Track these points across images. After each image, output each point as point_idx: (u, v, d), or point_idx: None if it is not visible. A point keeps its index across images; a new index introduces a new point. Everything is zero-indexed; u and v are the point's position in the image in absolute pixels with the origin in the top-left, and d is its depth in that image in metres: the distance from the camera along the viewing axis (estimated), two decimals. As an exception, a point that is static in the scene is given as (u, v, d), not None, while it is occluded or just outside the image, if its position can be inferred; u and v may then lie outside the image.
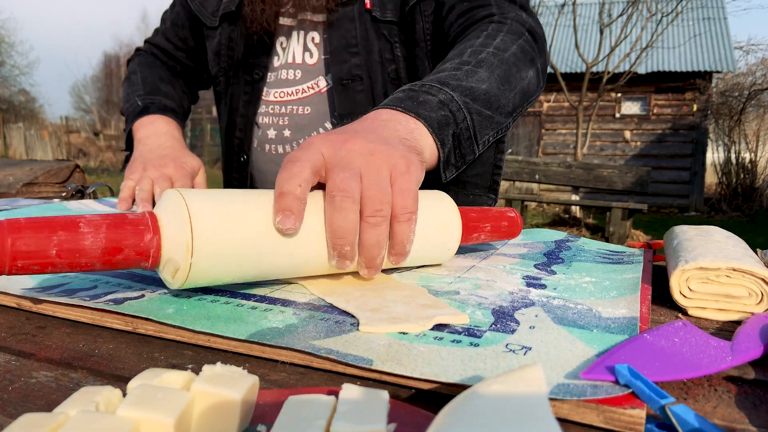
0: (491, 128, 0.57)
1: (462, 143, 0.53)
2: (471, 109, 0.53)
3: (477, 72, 0.57)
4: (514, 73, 0.60)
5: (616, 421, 0.24)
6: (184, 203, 0.35)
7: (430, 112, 0.50)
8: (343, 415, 0.20)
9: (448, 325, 0.33)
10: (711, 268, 0.37)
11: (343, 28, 0.76)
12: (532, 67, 0.65)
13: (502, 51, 0.61)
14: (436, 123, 0.50)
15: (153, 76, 0.94)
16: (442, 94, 0.52)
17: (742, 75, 8.10)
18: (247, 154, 0.84)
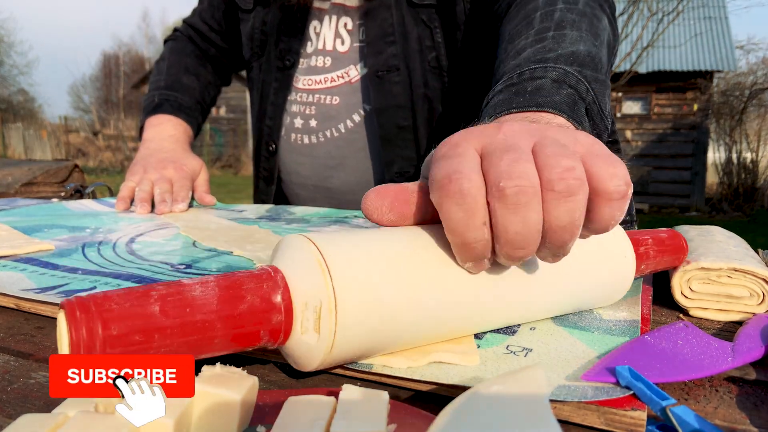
0: (606, 93, 0.47)
1: (594, 120, 0.44)
2: (587, 77, 0.44)
3: (564, 34, 0.48)
4: (597, 23, 0.52)
5: (617, 423, 0.24)
6: (314, 249, 0.26)
7: (551, 97, 0.40)
8: (343, 416, 0.20)
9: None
10: (712, 268, 0.37)
11: (380, 17, 0.72)
12: (604, 13, 0.55)
13: (573, 4, 0.52)
14: (566, 106, 0.40)
15: (179, 65, 0.93)
16: (550, 71, 0.43)
17: (743, 74, 8.10)
18: (276, 143, 0.83)
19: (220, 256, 0.49)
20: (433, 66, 0.73)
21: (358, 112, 0.76)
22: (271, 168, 0.85)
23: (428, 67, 0.73)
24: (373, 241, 0.28)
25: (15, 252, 0.48)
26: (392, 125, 0.73)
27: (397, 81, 0.72)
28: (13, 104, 18.51)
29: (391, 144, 0.74)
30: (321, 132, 0.78)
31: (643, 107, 8.24)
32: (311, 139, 0.79)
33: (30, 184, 0.99)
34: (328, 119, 0.77)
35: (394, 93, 0.73)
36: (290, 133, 0.81)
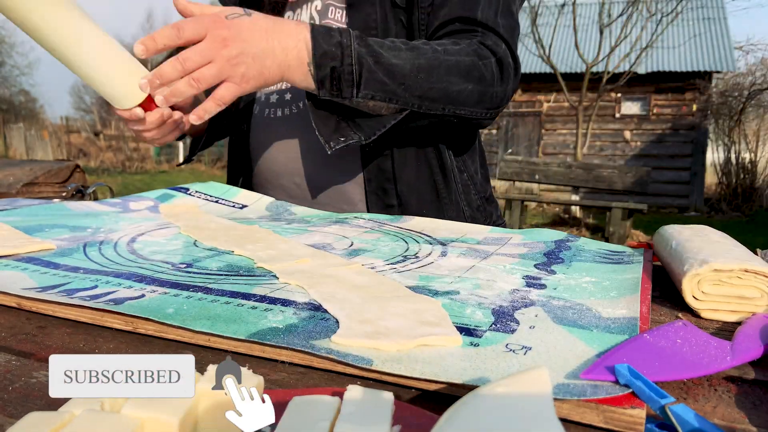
0: (380, 91, 0.64)
1: (342, 81, 0.63)
2: (363, 64, 0.63)
3: (401, 51, 0.65)
4: (443, 73, 0.66)
5: (617, 421, 0.24)
6: None
7: (323, 43, 0.61)
8: (348, 416, 0.20)
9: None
10: (724, 269, 0.37)
11: (364, 11, 0.78)
12: (477, 84, 0.69)
13: (446, 54, 0.67)
14: (321, 51, 0.61)
15: None
16: (347, 40, 0.63)
17: (741, 75, 8.10)
18: (248, 122, 0.86)
19: (220, 256, 0.49)
20: None
21: None
22: (244, 147, 0.88)
23: None
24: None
25: (16, 251, 0.48)
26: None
27: None
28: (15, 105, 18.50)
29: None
30: (294, 104, 0.82)
31: (642, 108, 8.24)
32: (284, 111, 0.82)
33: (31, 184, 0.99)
34: (301, 91, 0.80)
35: None
36: (264, 109, 0.84)
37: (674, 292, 0.43)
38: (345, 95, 0.64)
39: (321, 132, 0.67)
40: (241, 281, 0.41)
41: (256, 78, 0.60)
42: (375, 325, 0.33)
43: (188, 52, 0.57)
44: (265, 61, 0.60)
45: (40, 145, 12.11)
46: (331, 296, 0.38)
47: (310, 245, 0.53)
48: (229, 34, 0.58)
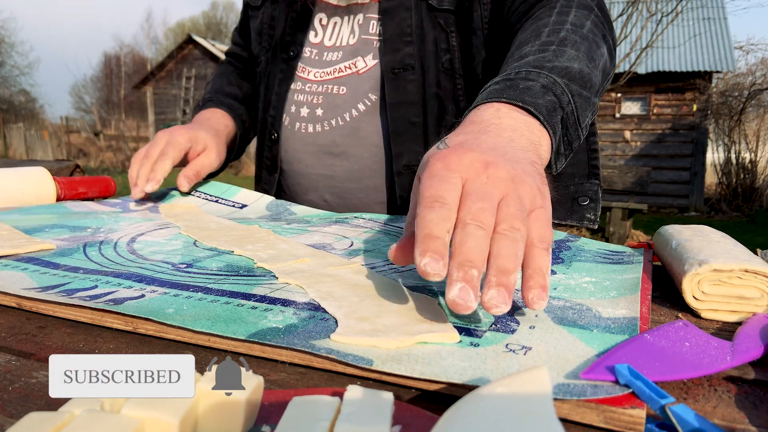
0: (589, 109, 0.54)
1: (569, 129, 0.50)
2: (572, 91, 0.51)
3: (564, 51, 0.55)
4: (595, 49, 0.58)
5: (616, 421, 0.24)
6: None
7: (536, 99, 0.47)
8: (348, 416, 0.20)
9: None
10: (724, 269, 0.37)
11: (399, 17, 0.75)
12: (605, 43, 0.62)
13: (579, 27, 0.59)
14: (545, 110, 0.47)
15: (221, 79, 0.97)
16: (542, 78, 0.50)
17: (742, 75, 8.10)
18: (278, 132, 0.84)
19: (220, 256, 0.49)
20: (447, 68, 0.76)
21: (364, 101, 0.78)
22: (273, 156, 0.86)
23: (441, 68, 0.76)
24: None
25: (16, 251, 0.48)
26: (404, 120, 0.76)
27: (412, 79, 0.75)
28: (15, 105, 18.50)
29: (401, 138, 0.76)
30: (326, 121, 0.80)
31: (642, 108, 8.24)
32: (316, 127, 0.80)
33: (30, 184, 0.98)
34: (334, 108, 0.79)
35: (408, 90, 0.76)
36: (294, 122, 0.82)
37: (674, 292, 0.43)
38: (574, 144, 0.52)
39: (565, 217, 0.56)
40: (241, 281, 0.41)
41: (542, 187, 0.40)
42: (373, 323, 0.33)
43: (476, 209, 0.34)
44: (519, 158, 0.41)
45: (40, 145, 12.11)
46: (328, 295, 0.38)
47: (310, 245, 0.53)
48: (483, 157, 0.38)
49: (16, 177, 0.76)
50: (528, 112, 0.46)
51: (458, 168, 0.36)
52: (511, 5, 0.70)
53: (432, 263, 0.31)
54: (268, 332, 0.32)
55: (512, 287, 0.32)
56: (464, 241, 0.32)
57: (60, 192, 0.79)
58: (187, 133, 0.78)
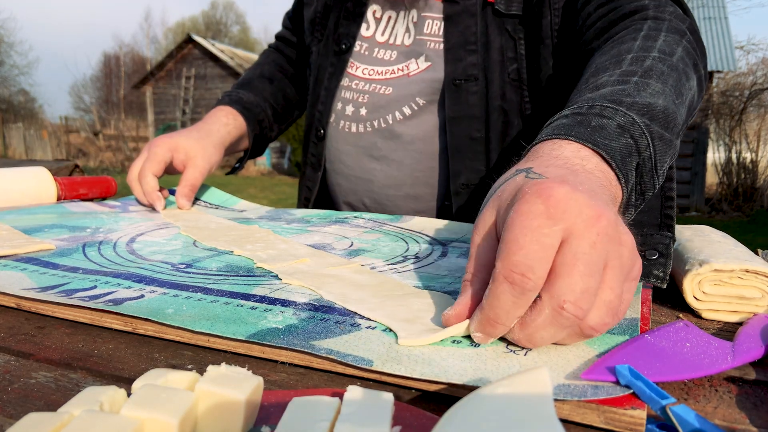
0: (669, 154, 0.45)
1: (644, 177, 0.42)
2: (653, 133, 0.42)
3: (649, 84, 0.46)
4: (684, 82, 0.50)
5: (617, 422, 0.24)
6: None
7: (610, 141, 0.39)
8: (347, 417, 0.20)
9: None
10: (725, 270, 0.37)
11: (463, 24, 0.71)
12: (696, 73, 0.54)
13: (668, 55, 0.51)
14: (619, 155, 0.39)
15: (255, 70, 0.95)
16: (620, 116, 0.42)
17: (742, 75, 8.10)
18: (325, 129, 0.81)
19: (220, 256, 0.49)
20: (513, 78, 0.71)
21: (410, 105, 0.75)
22: (318, 154, 0.83)
23: (507, 78, 0.71)
24: None
25: (15, 251, 0.48)
26: (464, 136, 0.72)
27: (474, 91, 0.71)
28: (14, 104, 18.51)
29: (461, 155, 0.72)
30: (369, 122, 0.77)
31: (642, 107, 8.22)
32: (359, 127, 0.78)
33: (30, 184, 0.98)
34: (378, 109, 0.76)
35: (470, 103, 0.71)
36: (339, 120, 0.80)
37: (675, 293, 0.43)
38: (647, 194, 0.43)
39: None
40: (241, 281, 0.41)
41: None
42: (422, 324, 0.33)
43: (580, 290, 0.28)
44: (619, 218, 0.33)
45: (40, 145, 12.12)
46: (343, 296, 0.38)
47: (310, 245, 0.53)
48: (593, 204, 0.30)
49: (18, 177, 0.76)
50: (599, 155, 0.38)
51: (563, 217, 0.29)
52: (587, 18, 0.63)
53: (481, 339, 0.30)
54: (268, 332, 0.32)
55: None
56: (544, 327, 0.28)
57: (61, 192, 0.79)
58: (166, 144, 0.75)
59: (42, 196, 0.77)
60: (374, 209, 0.79)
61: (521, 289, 0.28)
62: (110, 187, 0.88)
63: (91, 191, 0.84)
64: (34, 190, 0.76)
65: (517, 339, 0.30)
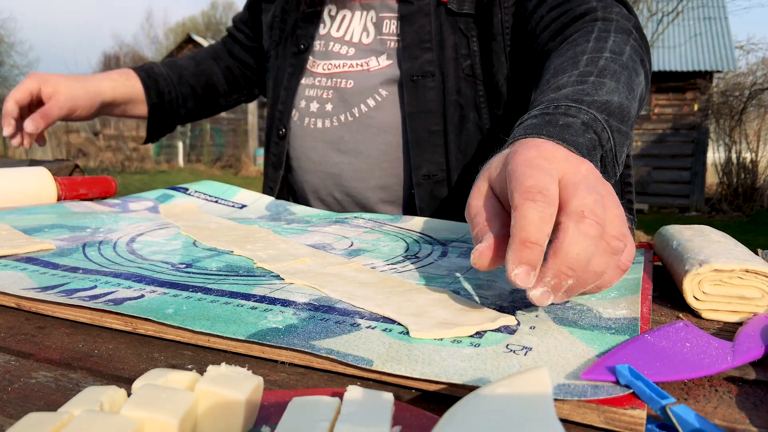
0: (626, 144, 0.51)
1: (606, 167, 0.47)
2: (612, 127, 0.47)
3: (604, 83, 0.51)
4: (634, 78, 0.55)
5: (617, 422, 0.24)
6: None
7: (577, 137, 0.43)
8: (347, 417, 0.20)
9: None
10: (725, 269, 0.37)
11: (417, 23, 0.74)
12: (643, 68, 0.59)
13: (618, 55, 0.56)
14: (586, 150, 0.43)
15: (189, 54, 0.98)
16: (583, 114, 0.46)
17: (742, 74, 8.10)
18: (286, 127, 0.84)
19: (220, 256, 0.49)
20: (467, 74, 0.75)
21: (374, 97, 0.77)
22: (279, 153, 0.85)
23: (462, 74, 0.74)
24: None
25: (15, 251, 0.48)
26: (423, 129, 0.75)
27: (431, 87, 0.74)
28: (13, 104, 18.47)
29: (421, 147, 0.75)
30: (336, 116, 0.79)
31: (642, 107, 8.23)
32: (325, 123, 0.80)
33: (30, 184, 0.98)
34: (343, 102, 0.79)
35: (427, 98, 0.74)
36: (304, 117, 0.82)
37: (675, 293, 0.43)
38: (610, 181, 0.48)
39: None
40: (241, 281, 0.41)
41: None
42: (431, 318, 0.33)
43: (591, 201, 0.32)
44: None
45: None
46: (348, 294, 0.38)
47: (310, 245, 0.53)
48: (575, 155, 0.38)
49: (18, 177, 0.76)
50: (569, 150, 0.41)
51: (554, 160, 0.34)
52: (539, 21, 0.67)
53: (523, 276, 0.30)
54: (268, 332, 0.32)
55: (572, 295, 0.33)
56: (577, 241, 0.30)
57: (61, 192, 0.79)
58: (38, 76, 0.80)
59: (42, 196, 0.77)
60: (345, 202, 0.82)
61: (543, 204, 0.30)
62: (110, 187, 0.88)
63: (91, 191, 0.84)
64: (34, 190, 0.76)
65: (557, 270, 0.30)
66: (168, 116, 0.95)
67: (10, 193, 0.74)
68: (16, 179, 0.75)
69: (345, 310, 0.36)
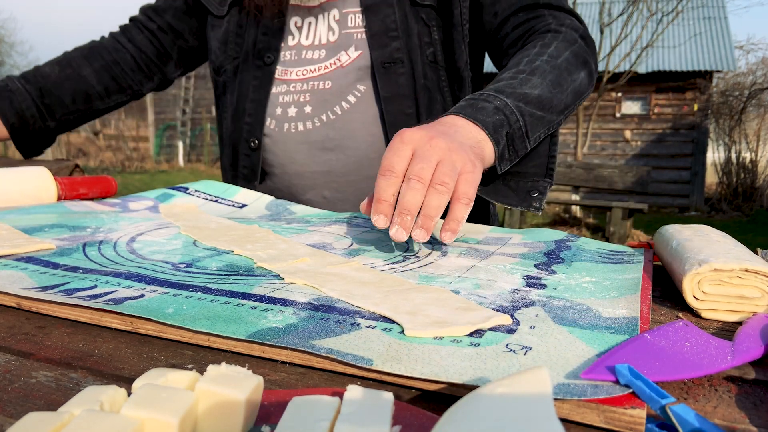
0: (542, 126, 0.64)
1: (515, 141, 0.61)
2: (523, 111, 0.61)
3: (530, 79, 0.64)
4: (566, 76, 0.68)
5: (617, 421, 0.24)
6: None
7: (486, 117, 0.58)
8: (347, 417, 0.20)
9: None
10: (725, 269, 0.37)
11: (382, 13, 0.78)
12: (585, 68, 0.72)
13: (554, 58, 0.68)
14: (492, 126, 0.57)
15: (58, 57, 0.94)
16: (498, 101, 0.60)
17: (742, 74, 8.11)
18: (258, 139, 0.84)
19: (220, 255, 0.49)
20: (431, 60, 0.80)
21: (353, 93, 0.80)
22: (253, 164, 0.85)
23: (426, 60, 0.80)
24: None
25: (15, 251, 0.48)
26: (399, 112, 0.80)
27: (402, 72, 0.79)
28: (13, 104, 18.48)
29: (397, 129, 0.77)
30: (316, 117, 0.81)
31: (642, 107, 8.23)
32: (306, 125, 0.81)
33: (30, 183, 0.98)
34: (323, 103, 0.80)
35: (399, 83, 0.79)
36: (282, 123, 0.82)
37: (675, 292, 0.43)
38: (520, 152, 0.63)
39: (516, 204, 0.65)
40: (241, 281, 0.41)
41: (475, 161, 0.53)
42: (426, 316, 0.34)
43: (417, 168, 0.48)
44: (460, 140, 0.54)
45: (40, 145, 12.09)
46: (347, 293, 0.38)
47: (310, 245, 0.53)
48: (430, 134, 0.51)
49: (18, 177, 0.76)
50: (478, 126, 0.57)
51: (410, 141, 0.49)
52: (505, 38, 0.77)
53: (380, 221, 0.47)
54: (268, 332, 0.32)
55: (432, 228, 0.47)
56: (405, 193, 0.47)
57: (61, 192, 0.79)
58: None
59: (42, 196, 0.77)
60: (335, 200, 0.83)
61: (388, 176, 0.48)
62: (110, 186, 0.88)
63: (92, 191, 0.84)
64: (35, 190, 0.76)
65: (398, 211, 0.47)
66: (36, 132, 0.92)
67: (10, 193, 0.74)
68: (16, 179, 0.75)
69: (345, 309, 0.36)
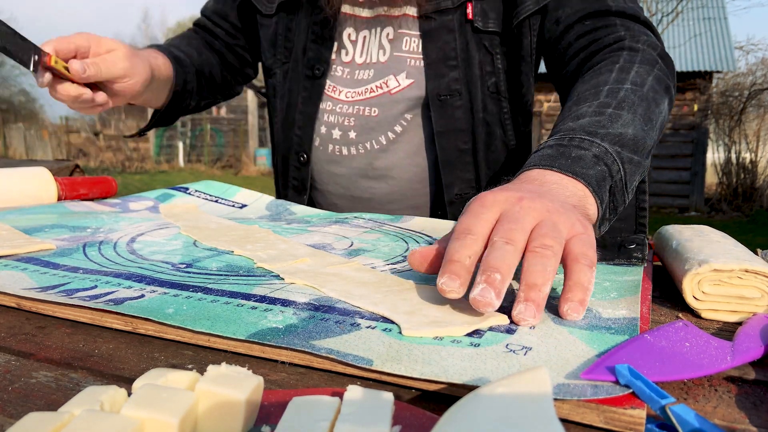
0: (638, 173, 0.53)
1: (616, 195, 0.50)
2: (623, 159, 0.50)
3: (620, 115, 0.54)
4: (653, 108, 0.58)
5: (617, 421, 0.24)
6: None
7: (587, 170, 0.46)
8: (347, 417, 0.20)
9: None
10: (724, 269, 0.37)
11: (442, 40, 0.73)
12: (667, 95, 0.62)
13: (639, 86, 0.58)
14: (595, 181, 0.46)
15: (182, 39, 0.90)
16: (595, 147, 0.49)
17: (742, 75, 8.10)
18: (308, 153, 0.81)
19: (220, 256, 0.49)
20: (492, 91, 0.75)
21: (400, 123, 0.76)
22: (303, 178, 0.83)
23: (487, 92, 0.75)
24: None
25: (16, 251, 0.48)
26: (453, 148, 0.75)
27: (459, 105, 0.74)
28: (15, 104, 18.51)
29: (452, 167, 0.75)
30: (361, 144, 0.77)
31: (642, 107, 8.22)
32: (350, 150, 0.78)
33: (30, 184, 0.98)
34: (368, 131, 0.77)
35: (455, 117, 0.74)
36: (327, 143, 0.79)
37: (674, 292, 0.43)
38: (619, 209, 0.51)
39: (612, 258, 0.50)
40: (241, 281, 0.41)
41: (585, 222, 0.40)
42: (424, 316, 0.34)
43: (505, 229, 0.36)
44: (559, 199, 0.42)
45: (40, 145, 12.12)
46: (346, 293, 0.38)
47: (310, 245, 0.53)
48: (519, 194, 0.40)
49: (18, 177, 0.76)
50: (579, 181, 0.45)
51: (493, 205, 0.38)
52: (568, 48, 0.69)
53: (449, 282, 0.34)
54: (268, 332, 0.32)
55: (541, 302, 0.33)
56: (489, 253, 0.35)
57: (61, 192, 0.79)
58: (89, 35, 0.67)
59: (42, 197, 0.77)
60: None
61: (463, 238, 0.36)
62: (111, 187, 0.88)
63: (92, 191, 0.84)
64: (35, 190, 0.76)
65: (483, 269, 0.34)
66: (177, 108, 0.87)
67: (10, 193, 0.74)
68: (16, 179, 0.75)
69: (345, 309, 0.36)
